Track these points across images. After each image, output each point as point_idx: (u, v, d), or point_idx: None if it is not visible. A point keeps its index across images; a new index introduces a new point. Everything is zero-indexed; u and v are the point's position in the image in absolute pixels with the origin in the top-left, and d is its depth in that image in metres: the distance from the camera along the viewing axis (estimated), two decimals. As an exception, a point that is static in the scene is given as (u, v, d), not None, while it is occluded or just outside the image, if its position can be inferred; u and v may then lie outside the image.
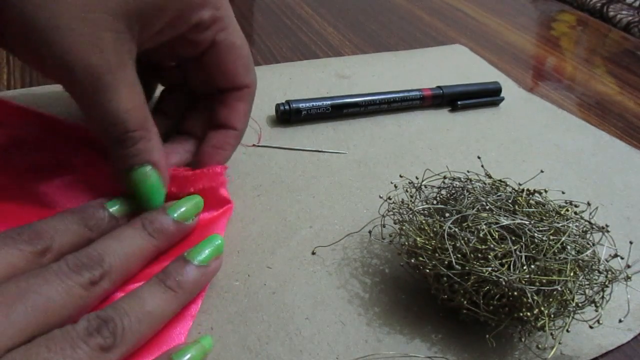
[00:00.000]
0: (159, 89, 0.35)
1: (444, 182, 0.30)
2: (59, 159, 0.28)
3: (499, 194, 0.28)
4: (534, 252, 0.24)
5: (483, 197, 0.27)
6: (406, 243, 0.27)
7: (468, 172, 0.30)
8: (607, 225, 0.27)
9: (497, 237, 0.25)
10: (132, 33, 0.24)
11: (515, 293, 0.23)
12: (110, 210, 0.25)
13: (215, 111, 0.31)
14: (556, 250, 0.24)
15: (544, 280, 0.23)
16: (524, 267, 0.23)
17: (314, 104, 0.39)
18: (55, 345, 0.19)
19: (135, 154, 0.25)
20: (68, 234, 0.23)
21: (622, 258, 0.26)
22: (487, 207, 0.26)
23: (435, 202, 0.29)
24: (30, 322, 0.19)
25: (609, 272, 0.25)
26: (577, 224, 0.27)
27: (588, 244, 0.26)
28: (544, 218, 0.26)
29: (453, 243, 0.24)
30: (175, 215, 0.26)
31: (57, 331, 0.20)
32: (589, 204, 0.28)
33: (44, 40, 0.22)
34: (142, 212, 0.26)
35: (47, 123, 0.29)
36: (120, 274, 0.23)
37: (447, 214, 0.27)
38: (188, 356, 0.22)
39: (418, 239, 0.26)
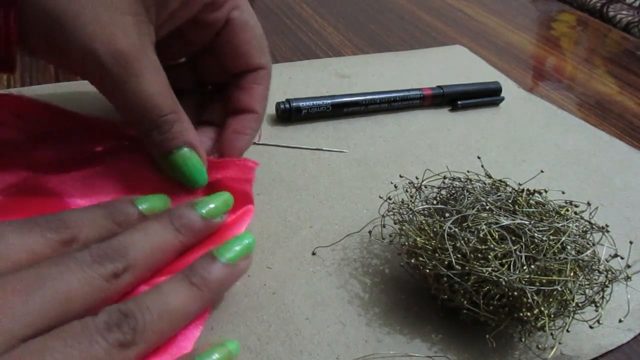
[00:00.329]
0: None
1: (444, 182, 0.30)
2: (84, 152, 0.28)
3: (499, 194, 0.28)
4: (534, 252, 0.24)
5: (483, 197, 0.27)
6: (406, 243, 0.27)
7: (468, 172, 0.30)
8: (607, 225, 0.27)
9: (497, 237, 0.25)
10: (149, 15, 0.24)
11: (515, 293, 0.23)
12: (140, 207, 0.25)
13: (233, 96, 0.30)
14: (556, 250, 0.24)
15: (544, 280, 0.23)
16: (524, 267, 0.23)
17: (315, 102, 0.39)
18: (73, 338, 0.18)
19: (172, 137, 0.25)
20: (95, 227, 0.23)
21: (622, 258, 0.26)
22: (487, 207, 0.26)
23: (435, 202, 0.29)
24: (49, 311, 0.19)
25: (609, 272, 0.25)
26: (577, 224, 0.26)
27: (588, 244, 0.26)
28: (544, 218, 0.26)
29: (453, 243, 0.24)
30: (204, 211, 0.25)
31: (76, 323, 0.19)
32: (589, 204, 0.28)
33: (68, 30, 0.22)
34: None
35: (71, 118, 0.29)
36: (144, 267, 0.23)
37: (447, 214, 0.27)
38: (213, 358, 0.21)
39: (418, 239, 0.26)
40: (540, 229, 0.25)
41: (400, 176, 0.32)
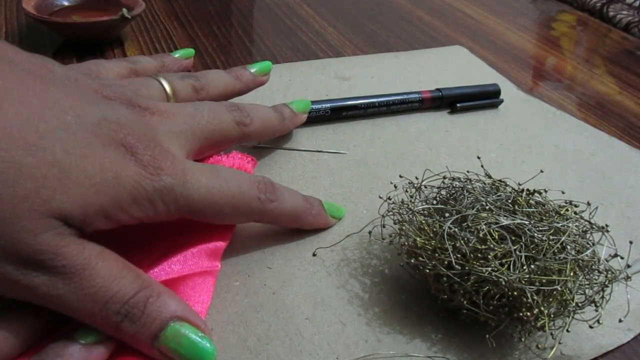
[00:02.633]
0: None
1: (443, 182, 0.30)
2: None
3: (498, 194, 0.28)
4: (533, 252, 0.24)
5: (483, 197, 0.27)
6: (406, 243, 0.27)
7: (468, 172, 0.30)
8: (607, 225, 0.27)
9: (497, 237, 0.25)
10: (70, 227, 0.21)
11: (515, 293, 0.23)
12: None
13: None
14: (556, 250, 0.24)
15: (544, 280, 0.23)
16: (524, 267, 0.23)
17: (314, 106, 0.39)
18: None
19: (151, 320, 0.21)
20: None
21: (622, 258, 0.26)
22: (487, 207, 0.26)
23: (435, 202, 0.29)
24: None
25: (609, 272, 0.25)
26: (577, 223, 0.26)
27: (588, 243, 0.26)
28: (544, 218, 0.26)
29: (453, 243, 0.24)
30: (84, 341, 0.21)
31: None
32: (589, 204, 0.28)
33: None
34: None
35: None
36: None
37: (446, 214, 0.27)
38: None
39: (418, 239, 0.26)
40: (540, 228, 0.25)
41: (400, 176, 0.32)
